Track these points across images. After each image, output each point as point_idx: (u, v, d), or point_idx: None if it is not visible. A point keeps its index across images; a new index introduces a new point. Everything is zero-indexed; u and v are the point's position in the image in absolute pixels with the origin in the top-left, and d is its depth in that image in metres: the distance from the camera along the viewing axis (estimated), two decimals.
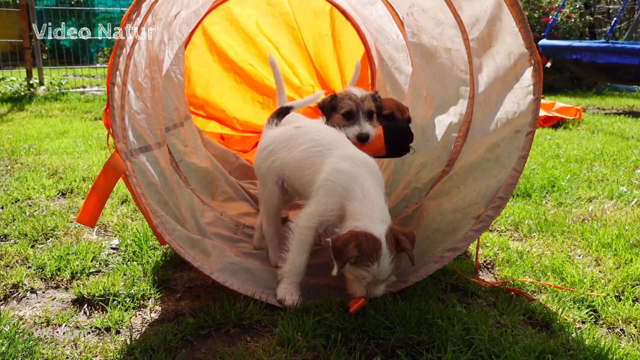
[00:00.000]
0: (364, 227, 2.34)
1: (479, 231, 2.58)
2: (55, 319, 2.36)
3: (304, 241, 2.57)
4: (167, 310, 2.49)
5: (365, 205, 2.43)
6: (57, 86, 9.24)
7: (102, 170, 2.31)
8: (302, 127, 2.93)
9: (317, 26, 5.83)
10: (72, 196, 3.94)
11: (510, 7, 2.55)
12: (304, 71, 6.15)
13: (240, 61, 5.79)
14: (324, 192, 2.56)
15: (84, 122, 6.95)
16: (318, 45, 5.96)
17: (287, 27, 5.97)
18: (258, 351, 2.16)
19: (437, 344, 2.22)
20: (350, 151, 2.66)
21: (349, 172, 2.53)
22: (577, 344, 2.24)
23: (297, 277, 2.57)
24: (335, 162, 2.60)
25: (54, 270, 2.77)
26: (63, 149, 5.31)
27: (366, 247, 2.27)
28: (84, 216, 2.27)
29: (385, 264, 2.31)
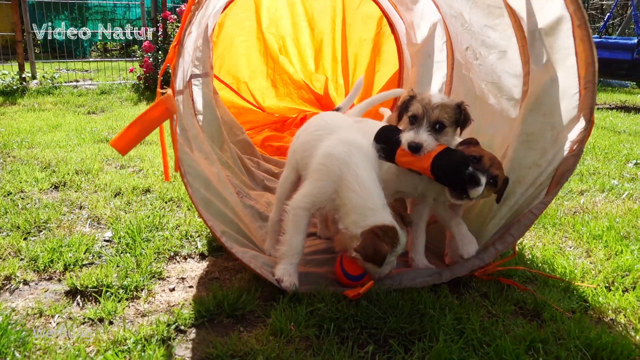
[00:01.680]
0: (374, 222, 2.41)
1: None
2: (48, 310, 2.36)
3: (299, 222, 2.59)
4: (160, 301, 2.50)
5: (363, 198, 2.48)
6: (50, 80, 9.18)
7: (155, 105, 2.29)
8: (319, 114, 3.06)
9: (362, 29, 5.97)
10: (65, 189, 3.93)
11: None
12: (328, 63, 6.41)
13: (269, 33, 6.01)
14: (318, 176, 2.61)
15: (77, 115, 6.92)
16: (357, 47, 6.15)
17: (331, 19, 6.10)
18: (251, 341, 2.17)
19: (429, 334, 2.24)
20: (346, 136, 2.71)
21: (342, 159, 2.57)
22: (567, 333, 2.26)
23: (295, 257, 2.58)
24: (329, 145, 2.66)
25: (46, 262, 2.76)
26: (56, 142, 5.29)
27: (388, 239, 2.39)
28: (120, 142, 2.24)
29: (404, 240, 2.48)
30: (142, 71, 9.12)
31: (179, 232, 3.21)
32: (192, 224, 3.32)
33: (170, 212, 3.54)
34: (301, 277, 2.61)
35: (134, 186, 3.99)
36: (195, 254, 3.00)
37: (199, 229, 3.27)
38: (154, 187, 4.01)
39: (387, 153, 2.69)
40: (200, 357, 2.10)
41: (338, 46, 6.31)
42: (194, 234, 3.20)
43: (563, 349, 2.15)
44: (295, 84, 6.31)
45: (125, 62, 11.36)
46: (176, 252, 2.99)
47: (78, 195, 3.80)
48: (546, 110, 2.76)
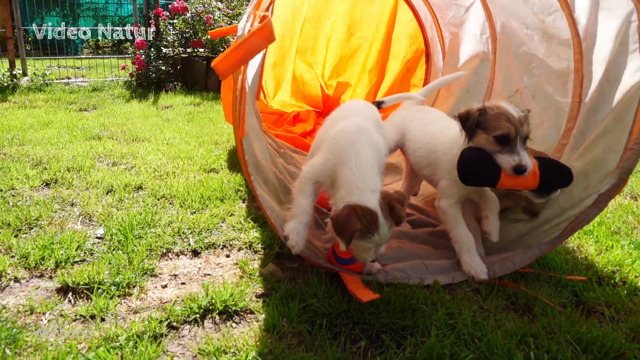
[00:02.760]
0: (358, 200, 2.43)
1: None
2: (39, 307, 2.35)
3: (304, 189, 2.70)
4: (153, 297, 2.49)
5: (356, 176, 2.53)
6: (41, 77, 9.11)
7: (260, 28, 2.29)
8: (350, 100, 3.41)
9: (406, 45, 5.94)
10: (57, 186, 3.91)
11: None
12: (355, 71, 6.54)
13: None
14: (325, 148, 2.74)
15: (69, 113, 6.88)
16: (393, 61, 6.19)
17: (376, 28, 6.18)
18: (243, 337, 2.17)
19: (421, 329, 2.25)
20: (360, 121, 2.84)
21: (350, 137, 2.68)
22: (558, 328, 2.28)
23: (304, 216, 2.62)
24: (343, 124, 2.80)
25: (37, 260, 2.75)
26: (47, 139, 5.26)
27: (365, 220, 2.37)
28: (224, 64, 2.23)
29: (385, 231, 2.43)
30: (135, 68, 9.08)
31: (171, 229, 3.20)
32: (185, 221, 3.32)
33: (162, 209, 3.53)
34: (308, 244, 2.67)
35: (126, 183, 3.97)
36: (187, 250, 2.99)
37: (192, 225, 3.26)
38: (146, 184, 4.00)
39: (485, 180, 2.60)
40: (192, 353, 2.10)
41: (372, 56, 6.27)
42: (187, 231, 3.19)
43: (554, 343, 2.17)
44: (309, 86, 6.39)
45: (117, 59, 11.30)
46: (168, 249, 2.98)
47: (70, 192, 3.78)
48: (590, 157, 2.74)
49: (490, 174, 2.55)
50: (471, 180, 2.63)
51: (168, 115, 6.92)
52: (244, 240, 3.12)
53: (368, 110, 3.15)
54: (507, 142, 2.52)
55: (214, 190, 3.87)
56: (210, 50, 9.23)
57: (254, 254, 2.99)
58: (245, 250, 3.03)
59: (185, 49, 9.28)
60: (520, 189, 2.58)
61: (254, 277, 2.70)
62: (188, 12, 9.15)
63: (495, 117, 2.55)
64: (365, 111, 3.12)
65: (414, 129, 3.29)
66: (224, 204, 3.66)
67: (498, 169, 2.54)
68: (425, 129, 3.21)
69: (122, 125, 6.16)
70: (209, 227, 3.26)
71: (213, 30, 2.32)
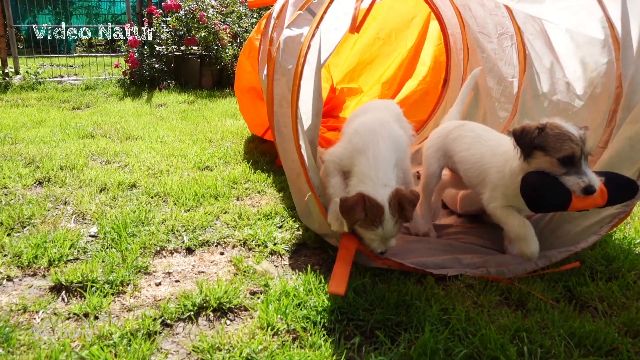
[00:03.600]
0: (368, 191, 2.53)
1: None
2: (32, 305, 2.34)
3: (330, 171, 2.88)
4: (147, 295, 2.48)
5: (371, 167, 2.65)
6: (34, 75, 9.06)
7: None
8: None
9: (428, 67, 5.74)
10: (50, 185, 3.90)
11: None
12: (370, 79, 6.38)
13: None
14: (346, 138, 2.88)
15: (62, 111, 6.85)
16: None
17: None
18: (238, 334, 2.17)
19: (415, 324, 2.26)
20: (381, 115, 2.96)
21: (371, 127, 2.79)
22: (551, 322, 2.29)
23: (340, 194, 2.73)
24: (368, 117, 2.91)
25: (30, 258, 2.74)
26: (40, 138, 5.24)
27: (370, 212, 2.47)
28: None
29: (389, 226, 2.52)
30: (128, 66, 9.04)
31: (165, 227, 3.19)
32: (179, 219, 3.31)
33: (156, 207, 3.52)
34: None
35: (119, 181, 3.96)
36: (181, 248, 2.99)
37: (186, 223, 3.25)
38: (139, 182, 3.98)
39: (556, 205, 2.48)
40: (186, 351, 2.09)
41: (392, 68, 6.11)
42: (181, 229, 3.19)
43: (547, 338, 2.18)
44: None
45: (110, 57, 11.24)
46: (162, 247, 2.97)
47: (63, 190, 3.77)
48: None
49: (560, 198, 2.42)
50: (541, 207, 2.50)
51: (162, 113, 6.90)
52: (238, 237, 3.12)
53: (390, 107, 3.24)
54: (572, 163, 2.40)
55: (208, 188, 3.87)
56: (204, 48, 9.21)
57: (248, 251, 2.98)
58: (239, 248, 3.02)
59: (178, 47, 9.26)
60: (589, 208, 2.48)
61: (248, 274, 2.69)
62: (181, 9, 9.12)
63: (557, 138, 2.41)
64: (387, 107, 3.21)
65: (460, 149, 3.13)
66: (218, 202, 3.65)
67: (568, 192, 2.40)
68: (472, 148, 3.05)
69: (115, 123, 6.14)
70: (203, 225, 3.26)
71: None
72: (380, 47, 6.33)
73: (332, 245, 3.01)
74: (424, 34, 5.85)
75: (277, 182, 4.10)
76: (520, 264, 2.84)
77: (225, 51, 9.10)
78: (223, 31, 9.16)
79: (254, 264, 2.79)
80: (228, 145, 5.24)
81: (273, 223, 3.32)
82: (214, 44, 9.13)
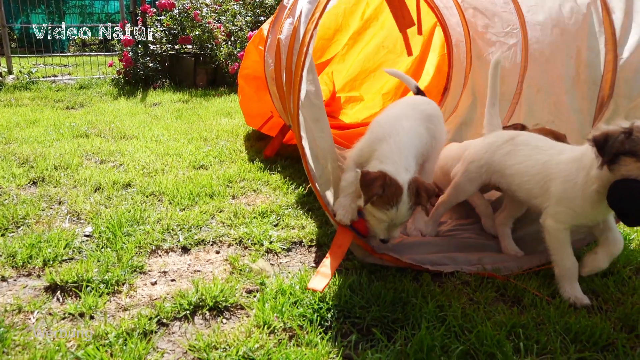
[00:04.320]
0: (389, 171, 2.53)
1: None
2: (27, 306, 2.33)
3: (348, 165, 2.93)
4: (142, 295, 2.48)
5: (393, 151, 2.65)
6: (27, 75, 9.02)
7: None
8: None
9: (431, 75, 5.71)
10: (44, 184, 3.88)
11: None
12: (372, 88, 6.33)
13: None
14: (368, 131, 2.91)
15: (56, 111, 6.82)
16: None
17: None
18: (234, 332, 2.16)
19: (411, 321, 2.26)
20: (406, 110, 2.97)
21: (393, 120, 2.83)
22: (547, 318, 2.29)
23: (350, 188, 2.76)
24: (391, 111, 2.97)
25: (25, 258, 2.72)
26: (34, 137, 5.21)
27: (389, 190, 2.46)
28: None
29: (404, 210, 2.51)
30: (122, 65, 9.01)
31: (160, 226, 3.18)
32: (174, 218, 3.30)
33: (151, 206, 3.51)
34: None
35: (114, 181, 3.94)
36: (177, 247, 2.98)
37: (181, 222, 3.25)
38: (134, 182, 3.97)
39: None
40: (182, 350, 2.09)
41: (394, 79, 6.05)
42: (176, 228, 3.18)
43: (543, 334, 2.19)
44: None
45: (104, 56, 11.19)
46: (158, 246, 2.96)
47: (57, 190, 3.75)
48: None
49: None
50: (637, 219, 2.27)
51: (156, 112, 6.88)
52: (233, 236, 3.11)
53: (419, 106, 3.12)
54: None
55: (203, 187, 3.86)
56: (199, 47, 9.18)
57: (244, 250, 2.98)
58: (235, 246, 3.02)
59: (173, 46, 9.23)
60: None
61: (244, 272, 2.69)
62: (175, 8, 9.09)
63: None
64: (415, 106, 3.12)
65: (513, 162, 2.86)
66: (214, 200, 3.64)
67: None
68: (530, 160, 2.79)
69: (109, 122, 6.12)
70: (198, 224, 3.25)
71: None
72: (384, 56, 6.26)
73: (328, 244, 3.01)
74: (429, 44, 5.84)
75: (272, 181, 4.10)
76: (516, 260, 2.85)
77: (219, 50, 9.08)
78: (217, 30, 9.13)
79: (249, 263, 2.78)
80: (223, 144, 5.22)
81: (269, 221, 3.31)
82: (208, 43, 9.11)
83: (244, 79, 5.45)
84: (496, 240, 3.12)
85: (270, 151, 4.75)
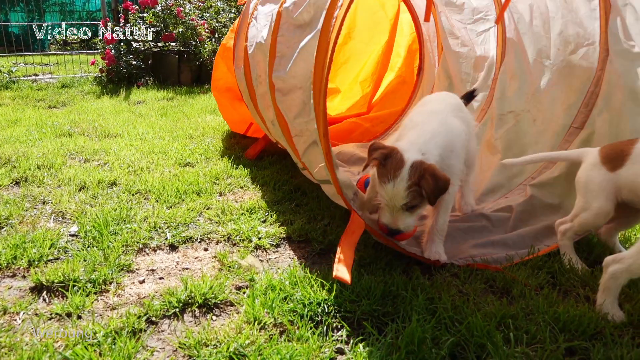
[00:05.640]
0: (400, 147, 2.54)
1: None
2: (13, 307, 2.29)
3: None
4: (130, 293, 2.45)
5: (415, 135, 2.66)
6: (7, 74, 8.88)
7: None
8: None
9: (403, 57, 5.69)
10: (27, 184, 3.82)
11: None
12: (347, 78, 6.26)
13: None
14: (400, 128, 2.98)
15: (37, 110, 6.72)
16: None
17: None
18: (224, 329, 2.15)
19: (402, 314, 2.26)
20: (436, 107, 3.00)
21: (427, 111, 2.94)
22: (536, 308, 2.31)
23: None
24: (422, 108, 3.01)
25: (9, 259, 2.68)
26: (15, 137, 5.13)
27: (390, 162, 2.45)
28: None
29: (400, 187, 2.44)
30: (105, 63, 8.90)
31: (147, 224, 3.15)
32: (161, 216, 3.27)
33: (137, 205, 3.47)
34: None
35: (99, 179, 3.89)
36: (164, 245, 2.95)
37: (168, 220, 3.21)
38: (120, 180, 3.93)
39: None
40: (172, 347, 2.07)
41: (369, 66, 5.99)
42: (163, 226, 3.15)
43: (532, 324, 2.20)
44: None
45: (86, 54, 11.05)
46: (145, 244, 2.93)
47: (41, 190, 3.69)
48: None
49: None
50: None
51: (140, 110, 6.81)
52: (221, 233, 3.09)
53: (447, 99, 3.19)
54: None
55: (190, 184, 3.83)
56: (182, 44, 9.11)
57: (232, 247, 2.96)
58: (223, 243, 3.00)
59: (156, 43, 9.14)
60: None
61: (233, 269, 2.67)
62: (158, 5, 8.99)
63: None
64: (443, 100, 3.18)
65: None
66: (201, 198, 3.62)
67: None
68: None
69: (93, 121, 6.05)
70: (186, 221, 3.22)
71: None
72: (352, 46, 6.25)
73: (317, 239, 3.00)
74: (395, 28, 5.83)
75: (259, 177, 4.08)
76: (504, 252, 2.87)
77: (203, 47, 9.01)
78: (201, 27, 9.07)
79: (238, 259, 2.77)
80: (209, 141, 5.19)
81: (257, 218, 3.29)
82: (192, 40, 9.04)
83: (217, 91, 5.34)
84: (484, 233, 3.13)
85: (253, 154, 4.68)
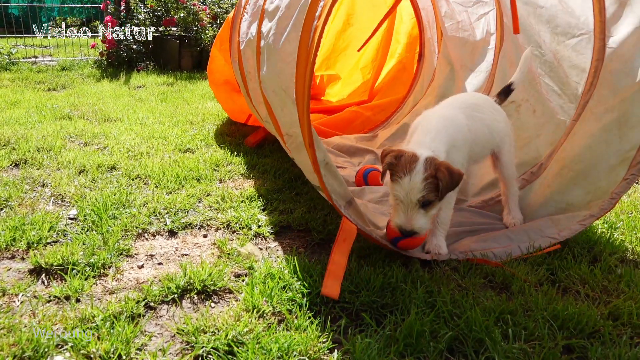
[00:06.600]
0: (411, 148, 2.57)
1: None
2: (12, 289, 2.28)
3: None
4: (129, 278, 2.44)
5: (423, 133, 2.67)
6: (7, 56, 8.82)
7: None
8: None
9: (403, 44, 5.66)
10: (26, 167, 3.80)
11: None
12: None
13: None
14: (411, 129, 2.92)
15: (37, 92, 6.68)
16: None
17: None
18: (223, 316, 2.14)
19: (400, 307, 2.26)
20: (448, 110, 2.94)
21: (436, 110, 2.92)
22: (535, 305, 2.31)
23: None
24: (432, 111, 2.96)
25: (8, 241, 2.67)
26: (15, 119, 5.10)
27: (404, 159, 2.48)
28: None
29: (417, 180, 2.44)
30: (105, 47, 8.84)
31: (146, 209, 3.14)
32: (161, 201, 3.26)
33: (137, 189, 3.46)
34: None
35: (98, 163, 3.88)
36: (164, 230, 2.94)
37: (168, 205, 3.20)
38: (119, 164, 3.91)
39: None
40: (170, 333, 2.07)
41: (369, 53, 5.98)
42: (163, 211, 3.14)
43: (531, 320, 2.20)
44: None
45: (86, 37, 10.98)
46: (144, 229, 2.92)
47: (40, 172, 3.67)
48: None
49: None
50: None
51: (140, 95, 6.78)
52: (221, 220, 3.08)
53: (459, 99, 3.15)
54: None
55: (190, 170, 3.81)
56: (183, 29, 9.04)
57: (231, 234, 2.95)
58: (222, 230, 2.99)
59: (157, 28, 9.07)
60: None
61: (232, 256, 2.67)
62: None
63: None
64: (460, 96, 3.19)
65: None
66: (201, 184, 3.60)
67: None
68: None
69: (93, 105, 6.01)
70: (185, 207, 3.21)
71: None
72: (352, 33, 6.21)
73: (317, 228, 3.00)
74: (394, 14, 5.80)
75: (259, 165, 4.06)
76: (504, 247, 2.86)
77: (205, 32, 8.95)
78: (202, 12, 9.01)
79: (238, 247, 2.76)
80: (209, 128, 5.17)
81: (257, 205, 3.29)
82: (194, 25, 8.98)
83: (214, 84, 5.31)
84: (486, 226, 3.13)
85: (253, 141, 4.66)
